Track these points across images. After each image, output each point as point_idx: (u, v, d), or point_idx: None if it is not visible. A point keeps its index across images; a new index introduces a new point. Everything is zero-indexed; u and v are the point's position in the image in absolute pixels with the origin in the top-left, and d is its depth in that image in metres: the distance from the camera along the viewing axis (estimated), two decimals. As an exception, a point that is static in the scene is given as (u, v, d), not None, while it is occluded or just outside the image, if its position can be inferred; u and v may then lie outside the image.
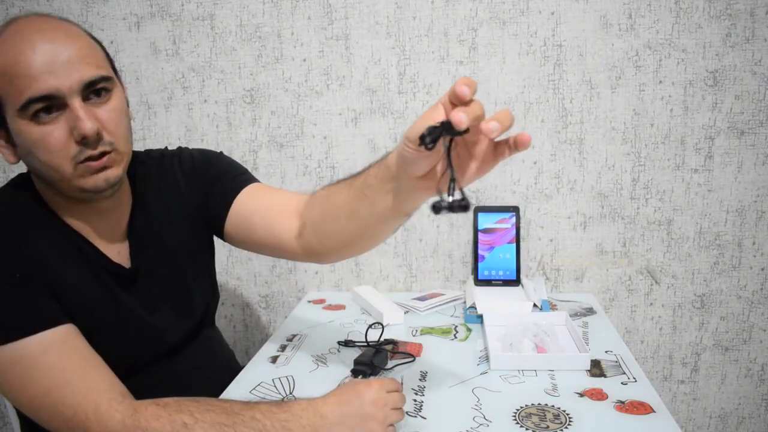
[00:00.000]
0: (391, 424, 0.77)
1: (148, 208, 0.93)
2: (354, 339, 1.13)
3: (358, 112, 1.40)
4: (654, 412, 0.84)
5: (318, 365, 1.04)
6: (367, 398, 0.75)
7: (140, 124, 1.46)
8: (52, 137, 0.74)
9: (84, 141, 0.75)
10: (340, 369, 1.01)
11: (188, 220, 0.98)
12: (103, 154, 0.78)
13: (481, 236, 1.35)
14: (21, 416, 0.93)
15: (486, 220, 1.35)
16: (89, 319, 0.81)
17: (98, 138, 0.77)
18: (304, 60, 1.39)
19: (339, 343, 1.13)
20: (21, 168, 0.83)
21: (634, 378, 0.95)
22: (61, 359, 0.74)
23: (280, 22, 1.38)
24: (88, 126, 0.74)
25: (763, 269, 1.37)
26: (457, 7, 1.33)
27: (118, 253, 0.89)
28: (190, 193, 0.98)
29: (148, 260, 0.92)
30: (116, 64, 1.45)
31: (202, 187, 0.98)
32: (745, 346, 1.40)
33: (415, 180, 0.69)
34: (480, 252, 1.34)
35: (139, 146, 1.47)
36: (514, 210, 1.35)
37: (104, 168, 0.79)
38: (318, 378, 0.99)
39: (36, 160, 0.77)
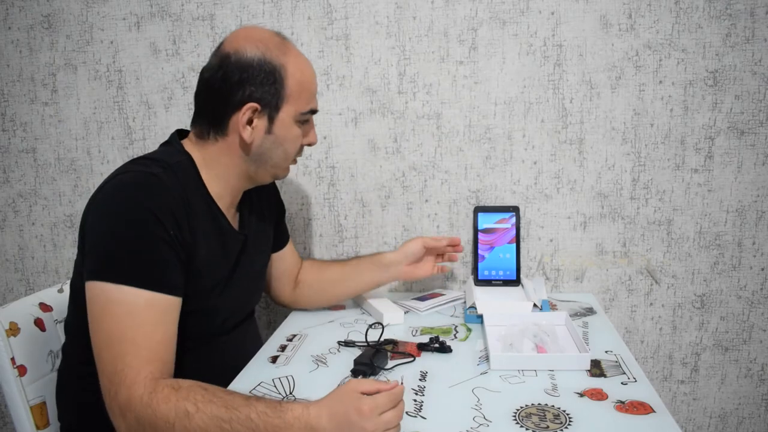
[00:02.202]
0: None
1: (252, 198, 1.12)
2: (354, 339, 1.13)
3: (358, 112, 1.40)
4: (654, 412, 0.84)
5: (318, 365, 1.03)
6: (358, 424, 0.74)
7: (140, 124, 1.46)
8: (299, 139, 1.02)
9: (309, 146, 1.06)
10: (340, 369, 1.01)
11: (271, 226, 1.19)
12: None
13: (481, 236, 1.35)
14: (65, 353, 1.03)
15: (486, 220, 1.35)
16: (211, 273, 0.97)
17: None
18: (304, 60, 1.39)
19: (339, 343, 1.13)
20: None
21: (634, 378, 0.95)
22: (151, 322, 0.84)
23: (280, 22, 1.38)
24: (316, 139, 1.06)
25: (763, 269, 1.37)
26: (457, 7, 1.33)
27: (232, 221, 1.05)
28: (275, 214, 1.22)
29: (250, 233, 1.09)
30: (116, 64, 1.46)
31: (277, 218, 1.22)
32: (745, 346, 1.40)
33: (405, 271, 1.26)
34: (480, 252, 1.34)
35: (139, 146, 1.48)
36: (514, 210, 1.35)
37: None
38: (318, 378, 0.99)
39: (281, 149, 1.00)
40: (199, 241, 0.93)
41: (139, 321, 0.83)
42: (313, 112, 1.02)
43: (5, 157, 1.51)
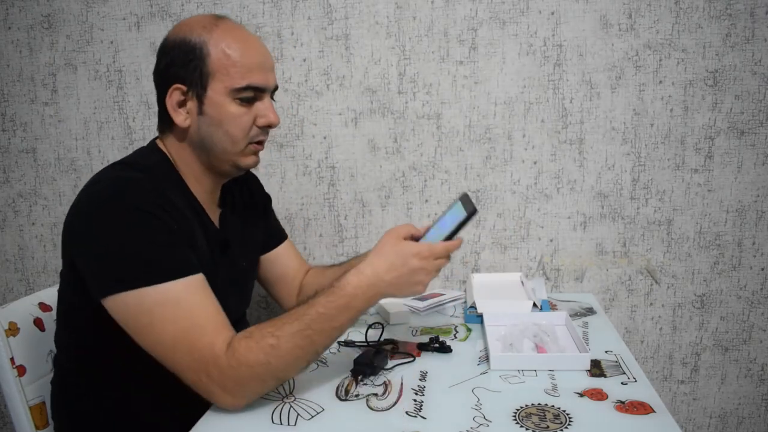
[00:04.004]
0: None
1: (234, 196, 1.10)
2: (354, 339, 1.13)
3: (358, 112, 1.40)
4: (654, 412, 0.84)
5: (318, 365, 1.03)
6: (418, 266, 0.87)
7: (140, 124, 1.46)
8: (244, 118, 0.93)
9: (267, 128, 0.96)
10: (340, 369, 1.01)
11: (257, 227, 1.16)
12: (263, 142, 0.98)
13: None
14: (58, 366, 1.01)
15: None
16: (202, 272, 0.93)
17: (270, 129, 0.98)
18: (304, 60, 1.39)
19: (339, 343, 1.12)
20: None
21: (634, 378, 0.95)
22: (200, 301, 0.85)
23: (280, 22, 1.38)
24: (275, 118, 0.95)
25: (763, 269, 1.37)
26: (457, 7, 1.33)
27: (214, 221, 1.03)
28: (260, 208, 1.18)
29: (231, 233, 1.06)
30: (116, 64, 1.46)
31: (264, 213, 1.19)
32: (745, 346, 1.40)
33: None
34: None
35: (139, 146, 1.47)
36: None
37: (257, 152, 0.98)
38: (318, 378, 0.98)
39: (220, 131, 0.93)
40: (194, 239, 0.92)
41: (189, 306, 0.83)
42: (254, 88, 0.92)
43: (5, 157, 1.51)
